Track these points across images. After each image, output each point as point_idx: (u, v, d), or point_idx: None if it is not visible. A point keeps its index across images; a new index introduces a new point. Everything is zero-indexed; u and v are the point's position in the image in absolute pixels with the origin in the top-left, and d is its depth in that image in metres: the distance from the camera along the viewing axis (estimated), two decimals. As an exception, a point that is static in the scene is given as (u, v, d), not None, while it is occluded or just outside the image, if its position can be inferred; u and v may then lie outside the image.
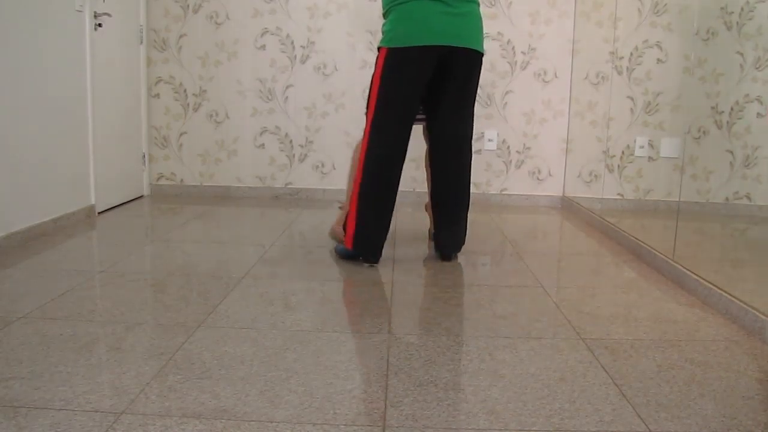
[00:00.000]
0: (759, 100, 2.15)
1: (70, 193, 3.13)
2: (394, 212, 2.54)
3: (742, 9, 2.22)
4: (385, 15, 2.48)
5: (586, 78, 3.75)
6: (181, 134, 4.09)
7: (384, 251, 2.76)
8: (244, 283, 2.26)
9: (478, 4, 2.48)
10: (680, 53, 2.67)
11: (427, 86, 2.47)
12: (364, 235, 2.50)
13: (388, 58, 2.41)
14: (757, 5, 2.15)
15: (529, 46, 3.97)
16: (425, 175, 2.99)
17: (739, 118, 2.24)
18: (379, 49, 2.47)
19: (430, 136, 2.64)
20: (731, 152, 2.29)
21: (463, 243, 2.69)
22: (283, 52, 3.98)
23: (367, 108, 2.50)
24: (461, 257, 2.75)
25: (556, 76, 4.00)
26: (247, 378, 1.50)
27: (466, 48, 2.43)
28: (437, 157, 2.62)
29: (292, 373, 1.54)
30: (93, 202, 3.35)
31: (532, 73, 4.00)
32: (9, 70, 2.61)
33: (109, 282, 2.24)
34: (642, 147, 3.03)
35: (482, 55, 2.51)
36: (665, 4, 2.85)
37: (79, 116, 3.18)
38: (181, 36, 3.99)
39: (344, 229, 2.58)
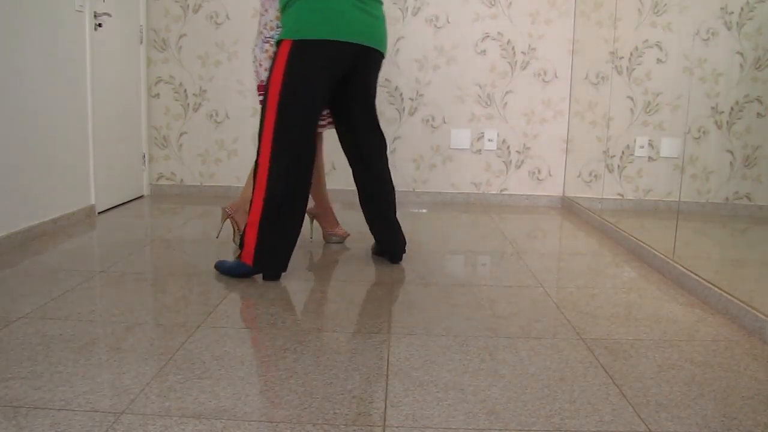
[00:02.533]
0: (759, 100, 2.15)
1: (70, 193, 3.13)
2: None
3: (742, 9, 2.22)
4: (286, 6, 2.21)
5: (586, 78, 3.75)
6: (181, 134, 4.09)
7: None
8: (244, 283, 2.26)
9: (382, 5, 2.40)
10: (680, 53, 2.67)
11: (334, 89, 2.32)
12: (271, 251, 2.25)
13: (296, 51, 2.16)
14: (757, 5, 2.15)
15: (529, 46, 3.97)
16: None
17: (739, 118, 2.24)
18: (279, 42, 2.22)
19: (345, 142, 2.50)
20: (731, 152, 2.29)
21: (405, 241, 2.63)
22: (283, 52, 3.98)
23: (264, 112, 2.21)
24: (461, 257, 2.75)
25: (556, 76, 4.00)
26: (247, 378, 1.50)
27: (378, 50, 2.34)
28: (362, 164, 2.49)
29: (292, 373, 1.54)
30: (93, 202, 3.35)
31: (532, 73, 4.00)
32: (9, 70, 2.61)
33: (109, 282, 2.24)
34: (642, 147, 3.03)
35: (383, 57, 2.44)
36: (665, 4, 2.85)
37: (79, 116, 3.18)
38: (181, 36, 3.99)
39: (241, 242, 2.27)
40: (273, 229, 2.22)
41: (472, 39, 3.97)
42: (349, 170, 4.09)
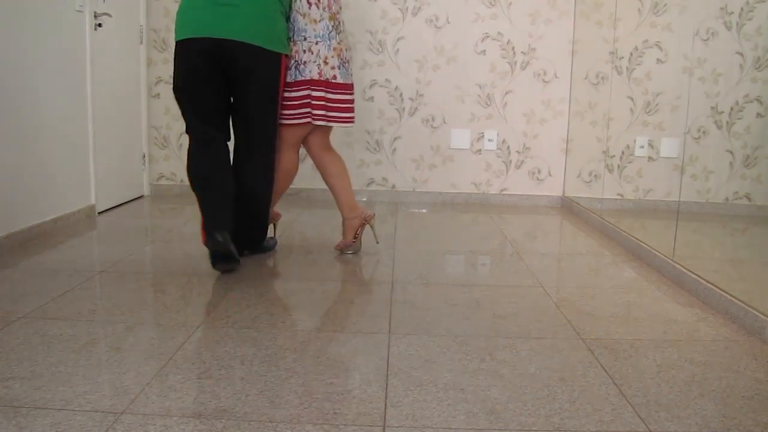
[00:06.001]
0: (759, 100, 2.16)
1: (70, 193, 3.13)
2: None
3: (742, 9, 2.22)
4: None
5: (586, 78, 3.75)
6: (180, 134, 4.09)
7: (383, 251, 2.76)
8: (244, 282, 2.26)
9: None
10: (680, 53, 2.67)
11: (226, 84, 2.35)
12: (205, 221, 2.31)
13: (174, 54, 2.36)
14: (757, 5, 2.15)
15: (529, 46, 3.97)
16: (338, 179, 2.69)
17: (739, 118, 2.24)
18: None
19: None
20: (731, 152, 2.29)
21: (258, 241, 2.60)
22: (283, 52, 3.98)
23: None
24: (461, 257, 2.75)
25: (556, 76, 4.00)
26: (247, 378, 1.51)
27: (239, 41, 2.21)
28: (237, 161, 2.45)
29: (292, 373, 1.54)
30: (93, 202, 3.35)
31: (532, 73, 4.00)
32: (9, 70, 2.61)
33: (109, 282, 2.24)
34: (642, 147, 3.03)
35: (267, 50, 2.27)
36: (665, 4, 2.85)
37: (79, 116, 3.18)
38: (181, 36, 3.98)
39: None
40: (200, 204, 2.34)
41: (472, 39, 3.97)
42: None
